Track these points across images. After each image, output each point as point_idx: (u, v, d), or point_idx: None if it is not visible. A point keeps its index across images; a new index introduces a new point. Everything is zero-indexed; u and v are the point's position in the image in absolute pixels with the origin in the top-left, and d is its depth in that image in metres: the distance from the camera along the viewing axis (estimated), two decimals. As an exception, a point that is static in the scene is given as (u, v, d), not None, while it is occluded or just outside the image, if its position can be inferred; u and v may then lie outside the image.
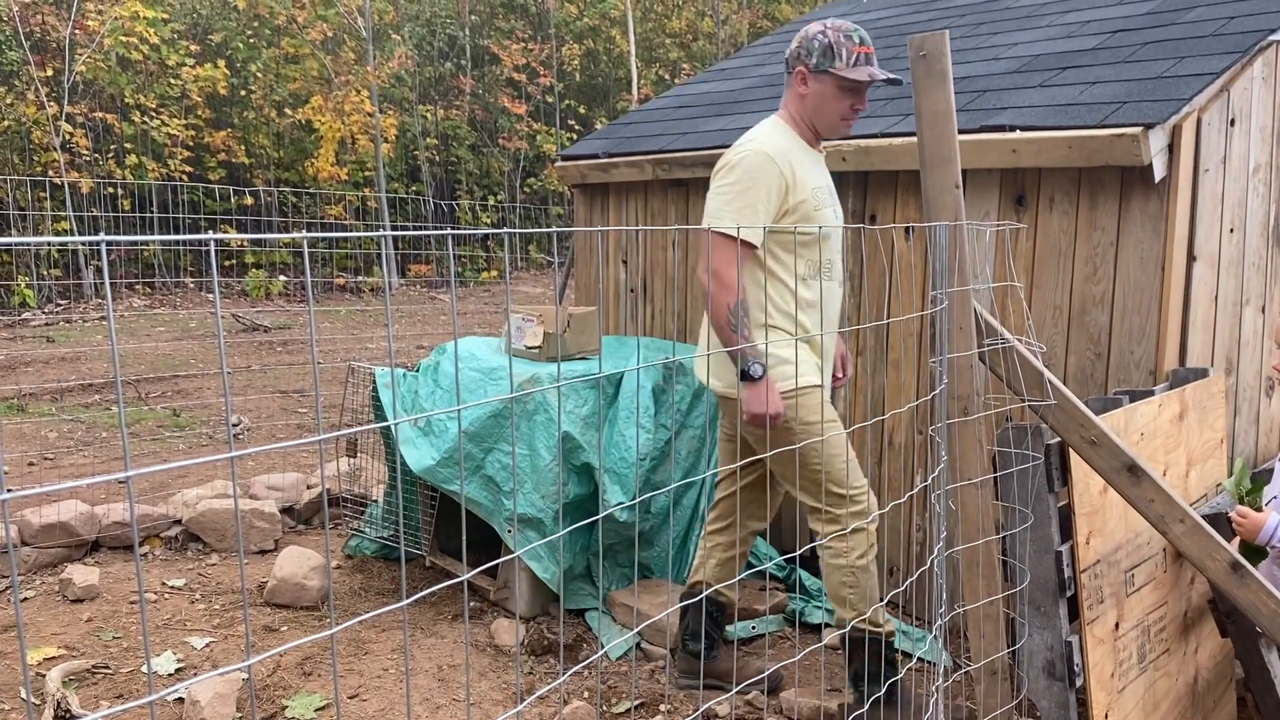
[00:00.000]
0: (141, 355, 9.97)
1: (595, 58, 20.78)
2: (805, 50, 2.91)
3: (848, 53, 2.87)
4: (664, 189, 4.67)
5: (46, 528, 4.40)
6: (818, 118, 2.95)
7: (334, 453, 5.49)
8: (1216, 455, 3.08)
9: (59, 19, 14.22)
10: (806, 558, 4.06)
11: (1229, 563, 2.24)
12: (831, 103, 2.91)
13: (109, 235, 0.79)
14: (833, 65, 2.86)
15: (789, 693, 3.25)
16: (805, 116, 2.97)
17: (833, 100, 2.91)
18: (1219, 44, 3.34)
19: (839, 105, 2.91)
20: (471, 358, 3.97)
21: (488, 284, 17.12)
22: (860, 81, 2.87)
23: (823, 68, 2.87)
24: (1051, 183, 3.26)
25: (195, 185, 15.10)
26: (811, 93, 2.92)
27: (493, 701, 3.30)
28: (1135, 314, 3.11)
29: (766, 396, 2.80)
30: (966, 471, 2.24)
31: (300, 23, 16.11)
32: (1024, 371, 2.27)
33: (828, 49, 2.87)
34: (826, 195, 2.98)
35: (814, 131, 3.00)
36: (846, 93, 2.90)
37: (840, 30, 2.88)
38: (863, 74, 2.86)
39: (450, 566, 4.26)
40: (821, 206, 2.92)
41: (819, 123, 2.96)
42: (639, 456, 3.81)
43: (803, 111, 2.96)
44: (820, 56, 2.87)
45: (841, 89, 2.89)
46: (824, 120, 2.95)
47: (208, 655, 3.62)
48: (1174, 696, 2.69)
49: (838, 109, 2.92)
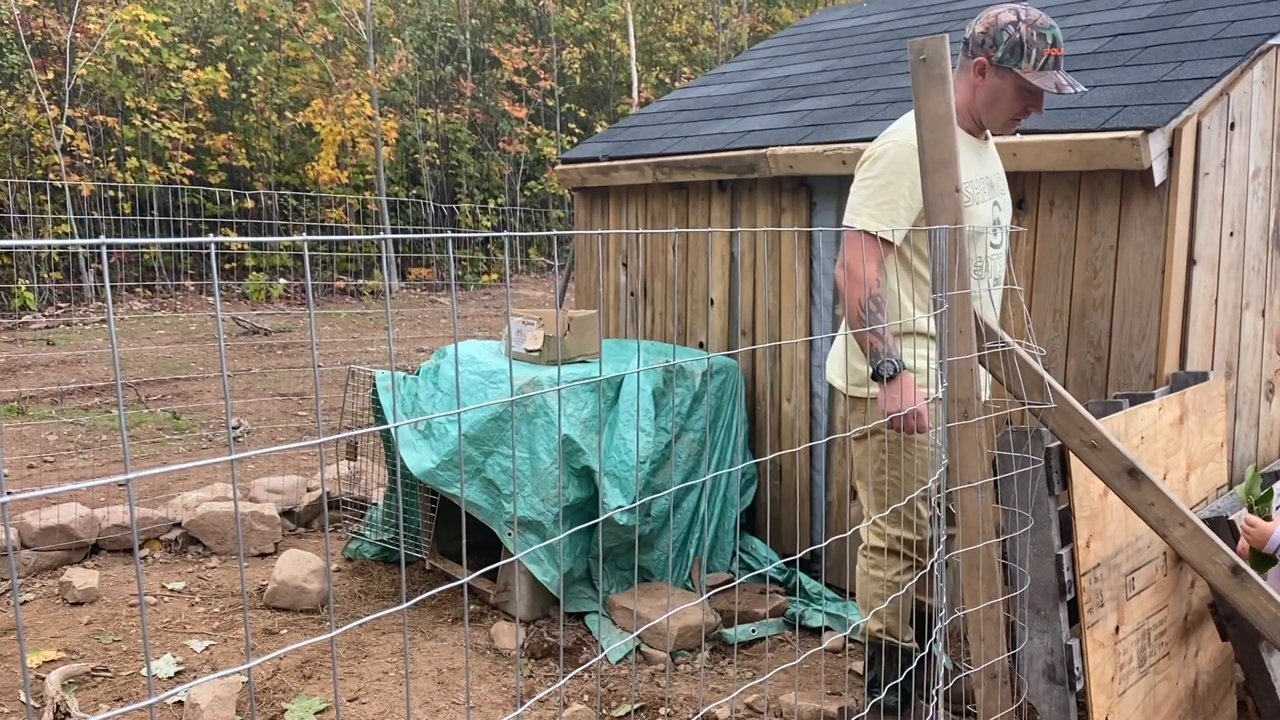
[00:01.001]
0: (142, 358, 9.97)
1: (596, 61, 20.80)
2: (992, 40, 2.66)
3: (1037, 54, 2.62)
4: (664, 192, 4.67)
5: (46, 530, 4.40)
6: (987, 113, 2.74)
7: (334, 456, 5.48)
8: (1217, 459, 3.08)
9: (60, 22, 14.23)
10: (806, 561, 4.05)
11: (1229, 566, 2.24)
12: (1007, 102, 2.70)
13: (109, 238, 0.79)
14: (1019, 65, 2.63)
15: (789, 696, 3.24)
16: (973, 107, 2.74)
17: (1009, 100, 2.69)
18: (1219, 48, 3.34)
19: (1014, 106, 2.71)
20: (472, 361, 3.97)
21: (488, 287, 17.12)
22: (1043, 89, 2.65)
23: (1007, 65, 2.64)
24: (1051, 186, 3.26)
25: (196, 188, 15.11)
26: (988, 86, 2.70)
27: (492, 704, 3.30)
28: (1135, 317, 3.11)
29: (902, 395, 2.59)
30: (967, 475, 2.24)
31: (301, 26, 16.14)
32: (1024, 375, 2.27)
33: (1017, 45, 2.62)
34: (984, 189, 2.76)
35: (978, 121, 2.78)
36: (1025, 95, 2.69)
37: (1034, 26, 2.63)
38: (1049, 83, 2.62)
39: (450, 569, 4.26)
40: (975, 201, 2.70)
41: (987, 118, 2.75)
42: (639, 460, 3.81)
43: (972, 101, 2.73)
44: (1007, 52, 2.63)
45: (1021, 90, 2.67)
46: (993, 117, 2.74)
47: (207, 658, 3.62)
48: (1174, 700, 2.68)
49: (1011, 109, 2.72)
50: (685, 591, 3.95)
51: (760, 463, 4.23)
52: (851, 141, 3.73)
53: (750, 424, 4.29)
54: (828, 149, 3.77)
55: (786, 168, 3.94)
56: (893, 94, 4.12)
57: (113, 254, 14.17)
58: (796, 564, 4.03)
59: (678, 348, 4.42)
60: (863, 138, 3.74)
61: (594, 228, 5.13)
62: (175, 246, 14.41)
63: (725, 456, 4.10)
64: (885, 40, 5.03)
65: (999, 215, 2.84)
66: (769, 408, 4.26)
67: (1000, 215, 2.84)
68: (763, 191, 4.20)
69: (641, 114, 5.53)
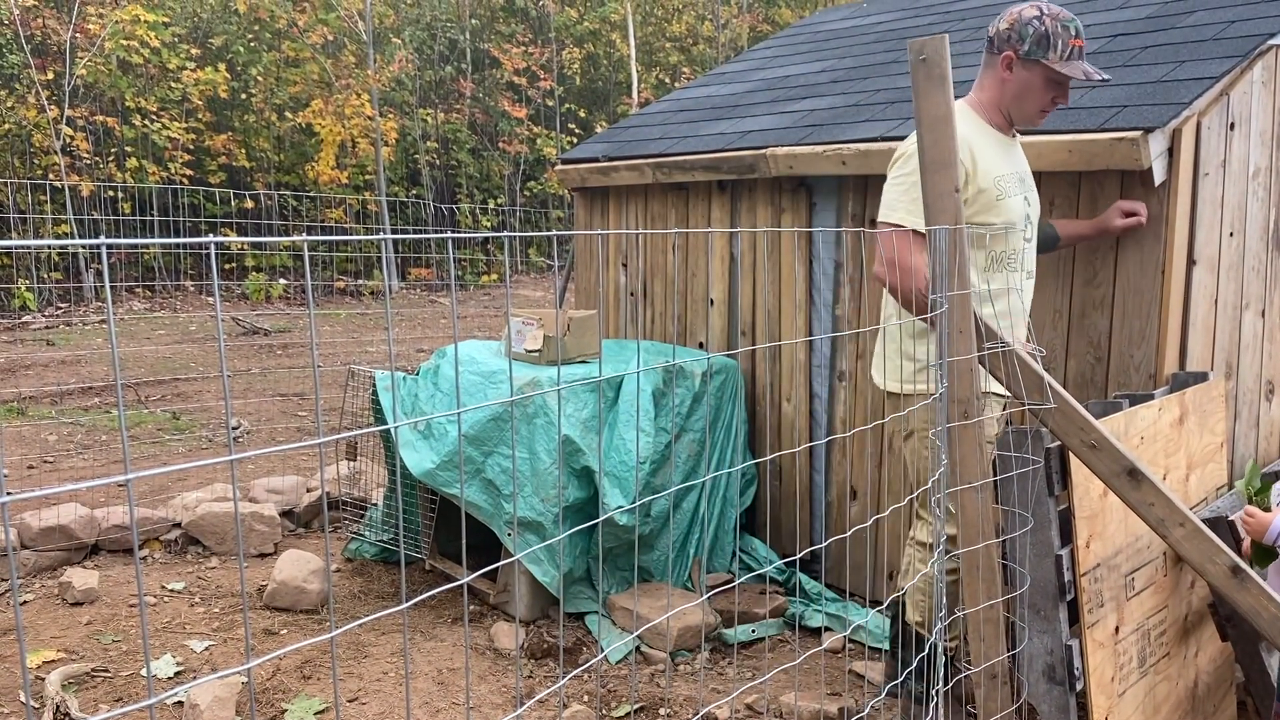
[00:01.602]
0: (141, 358, 9.97)
1: (595, 61, 20.80)
2: (1017, 35, 2.74)
3: (1063, 45, 2.71)
4: (664, 192, 4.67)
5: (46, 531, 4.40)
6: (1016, 106, 2.81)
7: (334, 456, 5.48)
8: (1216, 459, 3.08)
9: (60, 22, 14.23)
10: (806, 561, 4.06)
11: (1229, 566, 2.24)
12: (1036, 93, 2.77)
13: (109, 238, 0.79)
14: (1045, 56, 2.71)
15: (789, 696, 3.24)
16: (1002, 102, 2.82)
17: (1038, 91, 2.77)
18: (1218, 48, 3.34)
19: (1042, 97, 2.78)
20: (471, 361, 3.97)
21: (488, 287, 17.13)
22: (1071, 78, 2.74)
23: (1034, 56, 2.72)
24: (1051, 186, 3.27)
25: (196, 189, 15.11)
26: (1016, 80, 2.77)
27: (492, 705, 3.30)
28: (1135, 318, 3.11)
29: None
30: (967, 475, 2.24)
31: (301, 26, 16.14)
32: (1024, 375, 2.27)
33: (1043, 38, 2.71)
34: (1013, 183, 2.84)
35: (1006, 117, 2.86)
36: (1053, 85, 2.76)
37: (1057, 19, 2.72)
38: (1077, 70, 2.71)
39: (450, 570, 4.26)
40: (1006, 195, 2.78)
41: (1016, 111, 2.82)
42: (639, 460, 3.81)
43: (1000, 97, 2.82)
44: (1034, 44, 2.71)
45: (1049, 81, 2.75)
46: (1022, 110, 2.81)
47: (207, 658, 3.62)
48: (1174, 700, 2.68)
49: (1040, 101, 2.79)
50: (685, 592, 3.95)
51: (760, 463, 4.23)
52: (851, 142, 3.73)
53: (750, 424, 4.29)
54: (827, 149, 3.77)
55: (786, 168, 3.94)
56: (893, 94, 4.12)
57: (113, 254, 14.17)
58: (796, 564, 4.03)
59: (678, 348, 4.42)
60: (862, 138, 3.74)
61: (594, 228, 5.13)
62: (175, 247, 14.42)
63: (725, 457, 4.10)
64: (885, 40, 5.03)
65: (1029, 210, 2.89)
66: (769, 408, 4.26)
67: (1030, 210, 2.90)
68: (763, 192, 4.20)
69: (641, 114, 5.53)
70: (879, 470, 3.90)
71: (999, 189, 2.78)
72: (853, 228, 3.25)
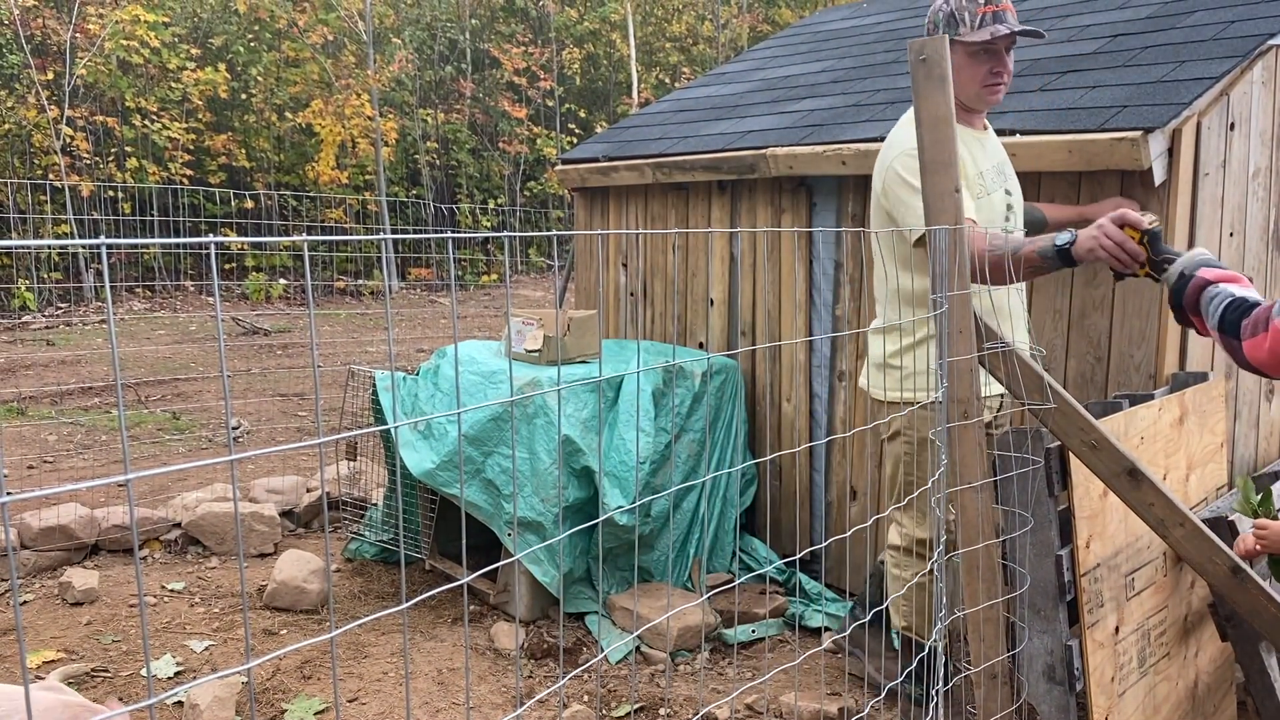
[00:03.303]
0: (141, 358, 9.97)
1: (595, 61, 20.80)
2: (932, 25, 2.74)
3: (970, 15, 2.67)
4: (664, 192, 4.67)
5: (46, 531, 4.40)
6: (963, 93, 2.71)
7: (334, 456, 5.49)
8: (1217, 459, 3.08)
9: (60, 22, 14.24)
10: (806, 561, 4.06)
11: (1229, 566, 2.24)
12: (968, 72, 2.70)
13: (109, 238, 0.79)
14: (957, 33, 2.67)
15: (789, 696, 3.24)
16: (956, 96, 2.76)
17: (966, 69, 2.70)
18: (1219, 48, 3.34)
19: (976, 73, 2.71)
20: (471, 361, 3.97)
21: (488, 287, 17.13)
22: (984, 42, 2.66)
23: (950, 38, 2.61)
24: (1051, 186, 3.26)
25: (196, 189, 15.11)
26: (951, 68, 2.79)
27: (492, 705, 3.30)
28: (1135, 318, 3.11)
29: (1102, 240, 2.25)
30: (966, 475, 2.24)
31: (301, 26, 16.14)
32: (1024, 375, 2.27)
33: (950, 17, 2.69)
34: (993, 178, 2.78)
35: (966, 110, 2.78)
36: (979, 58, 2.70)
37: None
38: (985, 34, 2.64)
39: (450, 570, 4.26)
40: (986, 192, 2.73)
41: (966, 98, 2.74)
42: (639, 460, 3.81)
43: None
44: (945, 27, 2.70)
45: (971, 55, 2.69)
46: (965, 93, 2.72)
47: (207, 658, 3.62)
48: (1174, 700, 2.68)
49: (977, 77, 2.72)
50: (685, 592, 3.95)
51: (760, 463, 4.23)
52: (851, 142, 3.73)
53: (750, 424, 4.29)
54: (827, 149, 3.77)
55: (786, 168, 3.94)
56: (893, 94, 4.12)
57: (112, 254, 14.17)
58: (796, 564, 4.03)
59: (678, 348, 4.42)
60: (862, 138, 3.74)
61: (594, 228, 5.13)
62: (175, 247, 14.41)
63: (725, 457, 4.10)
64: (885, 40, 5.03)
65: (1010, 201, 2.87)
66: (769, 408, 4.26)
67: (1012, 201, 2.88)
68: (763, 192, 4.20)
69: (641, 114, 5.53)
70: (879, 470, 3.90)
71: (979, 186, 2.76)
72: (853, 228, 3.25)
